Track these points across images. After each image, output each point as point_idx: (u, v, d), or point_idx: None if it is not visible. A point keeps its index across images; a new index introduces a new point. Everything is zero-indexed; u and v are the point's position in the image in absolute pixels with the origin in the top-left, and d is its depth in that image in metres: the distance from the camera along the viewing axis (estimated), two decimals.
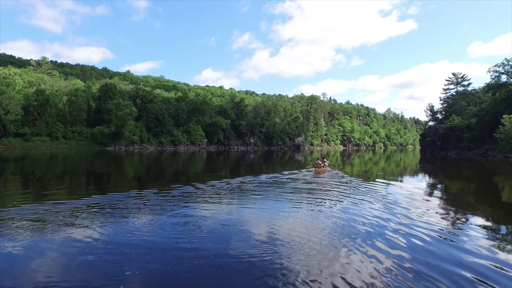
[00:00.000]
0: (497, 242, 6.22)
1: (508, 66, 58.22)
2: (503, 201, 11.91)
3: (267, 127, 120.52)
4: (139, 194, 10.84)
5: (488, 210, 9.77)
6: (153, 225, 6.85)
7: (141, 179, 17.52)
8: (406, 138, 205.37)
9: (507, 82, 59.20)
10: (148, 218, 7.41)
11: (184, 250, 5.29)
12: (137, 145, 75.25)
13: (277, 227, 6.84)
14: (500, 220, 8.37)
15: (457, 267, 4.78)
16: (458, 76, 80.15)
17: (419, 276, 4.43)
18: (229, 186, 13.12)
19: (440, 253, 5.35)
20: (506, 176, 21.89)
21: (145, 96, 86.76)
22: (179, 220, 7.22)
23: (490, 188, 16.06)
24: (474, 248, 5.65)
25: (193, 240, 5.83)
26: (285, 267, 4.63)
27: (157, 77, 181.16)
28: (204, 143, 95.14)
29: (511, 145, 44.34)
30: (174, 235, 6.11)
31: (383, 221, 7.40)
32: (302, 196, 11.21)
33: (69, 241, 5.67)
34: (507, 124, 44.83)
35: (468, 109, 70.45)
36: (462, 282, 4.28)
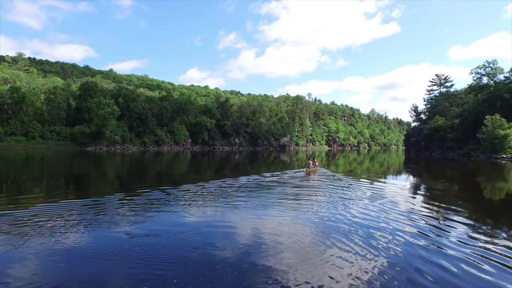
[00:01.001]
0: (479, 240, 6.40)
1: (489, 68, 59.50)
2: (485, 200, 12.23)
3: (252, 127, 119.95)
4: (120, 197, 10.42)
5: (470, 209, 9.97)
6: (136, 228, 6.77)
7: (123, 181, 16.72)
8: (390, 139, 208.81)
9: (488, 84, 60.54)
10: (130, 221, 7.24)
11: (169, 252, 5.31)
12: (119, 145, 73.21)
13: (263, 228, 6.86)
14: (481, 218, 8.63)
15: (439, 266, 4.94)
16: (441, 78, 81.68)
17: (403, 275, 4.55)
18: (213, 188, 12.75)
19: (422, 253, 5.49)
20: (488, 177, 22.39)
21: (127, 95, 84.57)
22: (162, 223, 7.16)
23: (472, 188, 16.44)
24: (456, 247, 5.87)
25: (177, 242, 5.87)
26: (271, 267, 4.71)
27: (141, 76, 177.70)
28: (189, 143, 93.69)
29: (493, 146, 45.14)
30: (159, 238, 6.11)
31: (368, 221, 7.57)
32: (290, 197, 11.16)
33: (45, 248, 5.42)
34: (489, 125, 45.61)
35: (451, 110, 71.83)
36: (443, 280, 4.45)
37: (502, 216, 9.39)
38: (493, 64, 59.10)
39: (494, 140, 44.65)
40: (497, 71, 59.07)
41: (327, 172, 20.73)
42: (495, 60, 59.14)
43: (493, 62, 59.20)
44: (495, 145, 44.67)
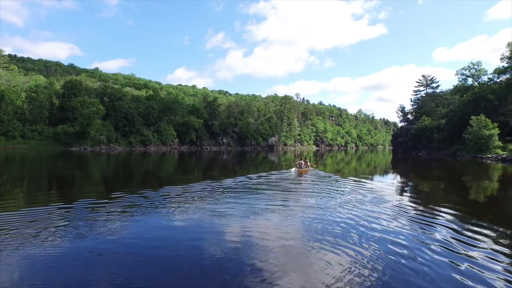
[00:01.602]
0: (464, 239, 6.46)
1: (474, 69, 60.59)
2: (470, 199, 12.49)
3: (240, 127, 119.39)
4: (104, 200, 10.05)
5: (455, 208, 10.03)
6: (123, 230, 6.66)
7: (107, 183, 16.04)
8: (377, 139, 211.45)
9: (473, 85, 61.65)
10: (112, 226, 6.98)
11: (156, 254, 5.30)
12: (104, 145, 71.56)
13: (251, 230, 6.82)
14: (466, 218, 8.71)
15: (425, 264, 5.00)
16: (428, 78, 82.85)
17: (390, 275, 4.58)
18: (201, 189, 12.48)
19: (411, 253, 5.53)
20: (474, 176, 22.88)
21: (113, 94, 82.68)
22: (150, 225, 7.11)
23: (459, 188, 16.76)
24: (442, 245, 5.97)
25: (165, 243, 5.88)
26: (258, 268, 4.73)
27: (128, 75, 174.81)
28: (176, 143, 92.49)
29: (478, 146, 45.84)
30: (145, 240, 6.10)
31: (357, 221, 7.60)
32: (280, 198, 11.15)
33: (26, 254, 5.21)
34: (475, 125, 46.32)
35: (437, 111, 72.89)
36: (428, 279, 4.50)
37: (486, 215, 9.65)
38: (477, 65, 60.24)
39: (479, 140, 45.35)
40: (481, 73, 60.23)
41: (319, 172, 21.00)
42: (479, 62, 60.36)
43: (477, 63, 60.35)
44: (480, 145, 45.38)
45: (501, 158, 38.51)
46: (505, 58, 54.90)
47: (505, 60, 55.18)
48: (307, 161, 21.60)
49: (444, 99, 76.00)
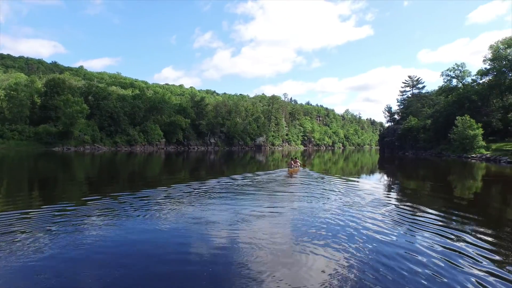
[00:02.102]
0: (449, 238, 6.52)
1: (458, 70, 61.77)
2: (455, 198, 12.75)
3: (228, 126, 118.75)
4: (87, 202, 9.64)
5: (441, 207, 10.26)
6: (109, 232, 6.56)
7: (90, 184, 15.42)
8: (364, 139, 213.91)
9: (457, 86, 62.89)
10: (95, 230, 6.78)
11: (139, 260, 5.18)
12: (88, 145, 69.91)
13: (239, 229, 6.88)
14: (451, 217, 8.80)
15: (410, 264, 5.03)
16: (414, 79, 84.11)
17: (374, 273, 4.62)
18: (188, 189, 12.37)
19: (398, 252, 5.57)
20: (459, 176, 23.36)
21: (98, 92, 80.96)
22: (130, 229, 6.88)
23: (444, 187, 17.10)
24: (427, 245, 6.02)
25: (148, 246, 5.81)
26: (245, 271, 4.68)
27: (114, 74, 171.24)
28: (162, 143, 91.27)
29: (463, 146, 46.57)
30: (133, 241, 6.05)
31: (343, 221, 7.61)
32: (269, 198, 11.10)
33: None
34: (460, 125, 47.10)
35: (423, 111, 74.02)
36: (413, 278, 4.51)
37: (471, 211, 9.89)
38: (461, 67, 61.46)
39: (464, 140, 46.08)
40: (465, 74, 61.47)
41: (309, 172, 21.16)
42: (463, 63, 61.61)
43: (461, 65, 61.56)
44: (465, 145, 46.12)
45: (485, 158, 39.19)
46: (487, 60, 56.11)
47: (487, 62, 56.43)
48: (297, 161, 21.83)
49: (429, 100, 77.24)
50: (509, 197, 13.65)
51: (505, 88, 55.44)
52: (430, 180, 20.49)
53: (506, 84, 55.21)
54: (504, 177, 21.41)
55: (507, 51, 53.57)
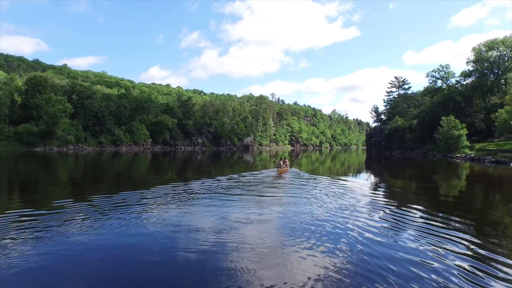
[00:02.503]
0: (435, 238, 6.54)
1: (443, 72, 63.03)
2: (440, 197, 13.04)
3: (215, 126, 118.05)
4: (69, 203, 9.41)
5: (427, 206, 10.35)
6: (95, 233, 6.51)
7: (75, 185, 14.87)
8: (350, 139, 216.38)
9: (442, 87, 64.16)
10: (82, 230, 6.74)
11: (130, 254, 5.38)
12: (72, 146, 68.21)
13: (227, 229, 6.85)
14: (437, 216, 8.86)
15: (396, 263, 5.05)
16: (400, 80, 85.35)
17: (360, 273, 4.65)
18: (175, 190, 12.17)
19: (380, 251, 5.61)
20: (444, 175, 23.83)
21: (82, 91, 78.95)
22: (123, 227, 6.96)
23: (430, 185, 17.55)
24: (413, 245, 6.06)
25: (139, 244, 5.88)
26: (235, 269, 4.70)
27: (99, 73, 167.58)
28: (149, 143, 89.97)
29: (448, 146, 47.45)
30: (114, 246, 5.87)
31: (333, 220, 7.73)
32: (257, 198, 11.13)
33: None
34: (445, 126, 47.95)
35: (409, 111, 75.19)
36: (400, 278, 4.52)
37: (456, 208, 10.34)
38: (446, 68, 62.75)
39: (449, 140, 46.93)
40: (450, 75, 62.82)
41: (300, 173, 21.23)
42: (448, 65, 62.96)
43: (446, 66, 62.91)
44: (450, 145, 46.98)
45: (469, 157, 39.96)
46: (470, 62, 57.46)
47: (470, 64, 57.78)
48: (286, 161, 21.91)
49: (415, 100, 78.51)
50: (492, 196, 14.05)
51: (487, 89, 56.90)
52: (417, 180, 20.72)
53: (488, 85, 56.68)
54: (487, 177, 21.83)
55: (489, 53, 55.00)
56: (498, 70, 55.75)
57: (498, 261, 5.30)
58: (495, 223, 8.39)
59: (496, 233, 7.30)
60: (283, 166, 20.70)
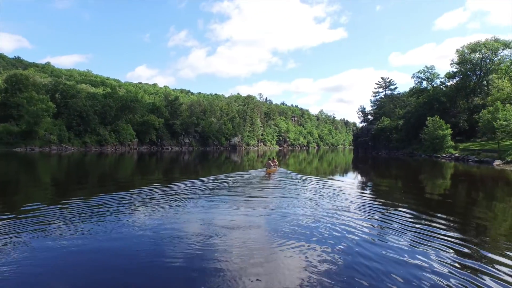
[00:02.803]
0: (422, 236, 6.68)
1: (428, 73, 64.22)
2: (426, 196, 13.36)
3: (202, 126, 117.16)
4: (51, 206, 9.21)
5: (414, 205, 10.63)
6: (74, 237, 6.29)
7: (58, 186, 14.69)
8: (337, 139, 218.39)
9: (427, 88, 65.35)
10: (65, 232, 6.64)
11: (110, 259, 5.20)
12: (55, 146, 66.43)
13: (214, 230, 6.85)
14: (423, 214, 9.02)
15: (384, 263, 5.09)
16: (386, 81, 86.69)
17: (348, 274, 4.67)
18: (162, 192, 11.97)
19: (369, 252, 5.63)
20: (429, 174, 24.45)
21: (66, 90, 76.96)
22: (103, 231, 6.75)
23: (415, 185, 17.91)
24: (400, 244, 6.14)
25: (121, 249, 5.71)
26: (221, 270, 4.70)
27: (84, 71, 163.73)
28: (135, 143, 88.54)
29: (433, 145, 48.30)
30: (98, 246, 5.83)
31: (319, 221, 7.77)
32: (245, 198, 11.18)
33: None
34: (430, 126, 48.77)
35: (395, 111, 76.30)
36: (386, 278, 4.56)
37: (443, 207, 10.68)
38: (431, 69, 63.99)
39: (435, 140, 47.78)
40: (435, 76, 64.13)
41: (288, 173, 21.43)
42: (432, 66, 64.33)
43: (431, 67, 64.15)
44: (435, 145, 47.85)
45: (454, 157, 40.73)
46: (454, 63, 58.70)
47: (454, 66, 59.05)
48: (275, 161, 22.11)
49: (401, 101, 79.81)
50: (475, 194, 14.55)
51: (470, 90, 58.22)
52: (405, 179, 21.00)
53: (471, 86, 58.00)
54: (472, 176, 22.27)
55: (472, 55, 56.29)
56: (481, 72, 57.12)
57: (484, 257, 5.49)
58: (479, 221, 8.68)
59: (480, 230, 7.58)
60: (272, 166, 20.71)
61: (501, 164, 28.34)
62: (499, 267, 5.09)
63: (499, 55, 55.53)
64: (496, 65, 55.94)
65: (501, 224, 8.56)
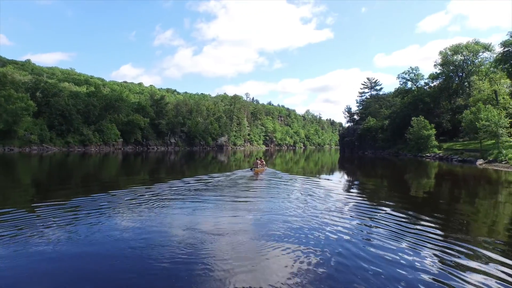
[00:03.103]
0: (408, 235, 6.74)
1: (413, 74, 65.35)
2: (411, 195, 13.52)
3: (189, 126, 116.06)
4: (29, 208, 8.92)
5: (400, 204, 10.77)
6: (58, 240, 6.14)
7: (38, 187, 14.28)
8: (324, 139, 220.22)
9: (412, 88, 66.50)
10: (42, 236, 6.38)
11: (94, 262, 5.10)
12: (35, 146, 64.41)
13: (201, 230, 6.84)
14: (408, 214, 9.00)
15: (369, 263, 5.09)
16: (372, 81, 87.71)
17: (331, 273, 4.70)
18: (147, 193, 11.71)
19: (353, 251, 5.68)
20: (414, 174, 24.89)
21: (47, 88, 74.60)
22: (86, 233, 6.62)
23: (400, 184, 18.33)
24: (386, 243, 6.15)
25: (105, 251, 5.60)
26: (205, 274, 4.61)
27: (66, 70, 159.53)
28: (120, 143, 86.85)
29: (418, 145, 49.07)
30: (83, 248, 5.76)
31: (302, 219, 7.88)
32: (232, 198, 11.21)
33: None
34: (415, 126, 49.55)
35: (381, 111, 77.28)
36: (376, 275, 4.61)
37: (426, 205, 10.86)
38: (415, 70, 65.14)
39: (419, 140, 48.56)
40: (419, 77, 65.31)
41: (276, 172, 21.63)
42: (417, 67, 65.48)
43: (415, 68, 65.32)
44: (420, 145, 48.63)
45: (438, 157, 41.44)
46: (437, 65, 59.90)
47: (437, 67, 60.25)
48: (262, 161, 22.24)
49: (386, 101, 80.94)
50: (462, 192, 14.93)
51: (453, 91, 59.52)
52: (392, 179, 21.21)
53: (453, 87, 59.31)
54: (456, 175, 22.58)
55: (454, 57, 57.54)
56: (463, 73, 58.44)
57: (465, 254, 5.62)
58: (465, 218, 9.00)
59: (464, 228, 7.79)
60: (259, 166, 20.80)
61: (484, 163, 28.94)
62: (496, 265, 5.13)
63: (480, 57, 56.96)
64: (477, 67, 57.32)
65: (490, 222, 8.71)
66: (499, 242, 6.50)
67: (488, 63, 56.28)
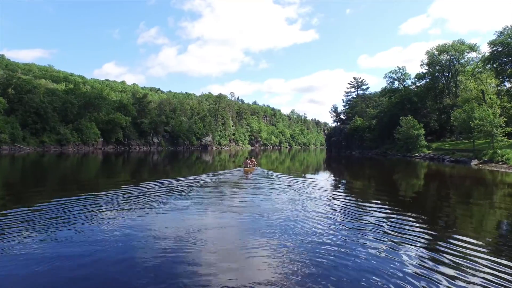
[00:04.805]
0: (397, 234, 6.70)
1: (400, 73, 65.36)
2: (399, 195, 13.58)
3: (172, 125, 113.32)
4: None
5: (386, 201, 10.94)
6: (38, 243, 5.80)
7: (9, 189, 13.35)
8: (309, 138, 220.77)
9: (399, 88, 66.52)
10: (24, 239, 6.05)
11: (77, 264, 4.92)
12: (6, 146, 60.53)
13: (188, 230, 6.74)
14: (397, 214, 8.92)
15: (360, 260, 5.14)
16: (358, 81, 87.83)
17: (317, 271, 4.67)
18: (128, 196, 11.10)
19: (341, 250, 5.63)
20: (404, 174, 25.07)
21: (21, 85, 70.61)
22: (67, 235, 6.34)
23: (389, 184, 18.59)
24: (375, 239, 6.27)
25: (87, 253, 5.37)
26: (194, 270, 4.66)
27: (44, 66, 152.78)
28: (100, 143, 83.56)
29: (407, 145, 48.67)
30: (64, 249, 5.52)
31: (289, 218, 7.85)
32: (221, 197, 11.39)
33: None
34: (404, 125, 49.16)
35: (368, 111, 77.14)
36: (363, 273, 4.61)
37: (414, 205, 10.95)
38: (402, 70, 65.18)
39: (408, 140, 48.17)
40: (406, 77, 65.38)
41: (266, 171, 21.70)
42: (404, 67, 65.49)
43: (402, 68, 65.35)
44: (409, 145, 48.23)
45: (428, 157, 41.05)
46: (424, 64, 60.01)
47: (424, 67, 60.36)
48: (253, 160, 22.61)
49: (373, 101, 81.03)
50: (445, 191, 15.13)
51: (439, 91, 59.76)
52: (377, 177, 21.72)
53: (440, 87, 59.54)
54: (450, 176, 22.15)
55: (440, 57, 57.72)
56: (449, 73, 58.74)
57: (452, 253, 5.58)
58: (453, 217, 9.16)
59: (453, 228, 7.77)
60: (250, 165, 21.01)
61: (479, 164, 28.37)
62: (495, 266, 5.05)
63: (466, 57, 57.35)
64: (463, 66, 57.75)
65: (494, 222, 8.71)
66: (490, 241, 6.63)
67: (474, 64, 56.71)
